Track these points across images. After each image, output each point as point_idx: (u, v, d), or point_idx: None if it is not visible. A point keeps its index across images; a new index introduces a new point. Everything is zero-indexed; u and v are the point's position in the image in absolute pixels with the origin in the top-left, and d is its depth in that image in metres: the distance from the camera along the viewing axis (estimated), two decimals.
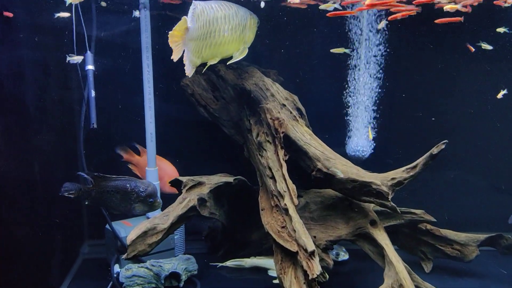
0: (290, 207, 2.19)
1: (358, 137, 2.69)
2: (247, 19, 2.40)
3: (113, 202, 2.22)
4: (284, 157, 2.38)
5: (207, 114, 2.69)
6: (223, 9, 2.23)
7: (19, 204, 2.15)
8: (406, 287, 2.08)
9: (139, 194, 2.07)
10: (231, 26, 2.27)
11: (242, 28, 2.37)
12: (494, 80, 2.78)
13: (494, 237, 2.56)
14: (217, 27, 2.16)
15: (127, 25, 2.46)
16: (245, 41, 2.44)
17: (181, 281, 2.45)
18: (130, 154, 2.70)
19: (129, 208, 2.09)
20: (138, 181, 2.09)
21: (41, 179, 2.33)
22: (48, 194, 2.39)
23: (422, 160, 2.22)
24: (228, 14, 2.24)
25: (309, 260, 1.97)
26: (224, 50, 2.34)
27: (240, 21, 2.35)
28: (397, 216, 2.58)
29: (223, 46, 2.30)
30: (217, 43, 2.24)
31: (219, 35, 2.22)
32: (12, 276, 1.96)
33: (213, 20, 2.11)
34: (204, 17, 2.13)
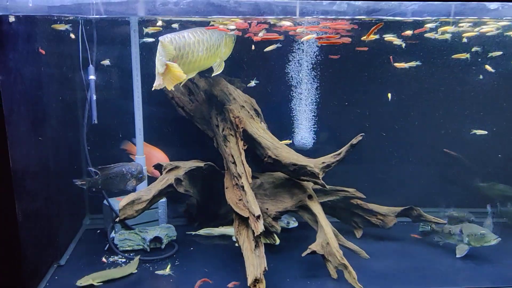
0: (246, 185, 2.86)
1: (302, 132, 3.39)
2: (222, 39, 2.96)
3: (114, 184, 2.94)
4: (243, 147, 3.04)
5: (185, 113, 3.35)
6: (196, 35, 2.77)
7: (38, 185, 2.78)
8: (331, 244, 2.77)
9: (132, 174, 2.80)
10: (205, 47, 2.82)
11: (217, 47, 2.94)
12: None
13: (407, 209, 3.27)
14: (189, 50, 2.71)
15: (120, 45, 3.12)
16: (220, 57, 3.03)
17: (163, 243, 3.12)
18: (131, 148, 3.36)
19: (125, 185, 2.81)
20: (129, 164, 2.80)
21: (53, 165, 2.96)
22: (58, 178, 3.02)
23: (345, 148, 2.92)
24: (201, 38, 2.79)
25: (255, 222, 2.64)
26: (200, 65, 2.91)
27: (214, 42, 2.90)
28: (333, 193, 3.28)
29: (199, 63, 2.86)
30: (191, 61, 2.79)
31: (193, 56, 2.76)
32: (30, 238, 2.59)
33: (184, 46, 2.65)
34: (173, 45, 2.62)
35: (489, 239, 2.93)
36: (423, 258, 3.06)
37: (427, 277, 2.80)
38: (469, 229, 3.03)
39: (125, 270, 2.79)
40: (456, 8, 2.23)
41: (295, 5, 2.18)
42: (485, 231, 2.97)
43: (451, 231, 3.14)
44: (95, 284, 2.65)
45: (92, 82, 2.82)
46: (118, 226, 3.16)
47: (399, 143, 3.65)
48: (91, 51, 2.83)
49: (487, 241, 2.94)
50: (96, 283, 2.65)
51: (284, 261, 2.96)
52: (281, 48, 3.05)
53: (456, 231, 3.10)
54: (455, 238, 3.11)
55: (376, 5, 2.16)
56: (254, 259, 2.57)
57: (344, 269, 2.68)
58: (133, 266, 2.84)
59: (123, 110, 3.23)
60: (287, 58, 3.24)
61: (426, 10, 2.26)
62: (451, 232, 3.14)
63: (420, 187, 3.64)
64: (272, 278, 2.70)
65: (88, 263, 2.92)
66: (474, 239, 2.98)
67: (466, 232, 3.03)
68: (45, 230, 2.81)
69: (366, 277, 2.69)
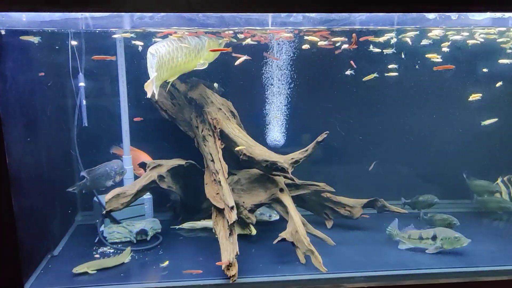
0: (222, 180, 3.14)
1: (274, 132, 3.68)
2: (203, 43, 3.18)
3: (102, 183, 3.25)
4: (221, 146, 3.33)
5: (168, 116, 3.63)
6: (175, 43, 3.01)
7: (32, 182, 3.04)
8: (299, 232, 3.04)
9: (115, 171, 3.10)
10: (184, 53, 3.05)
11: (198, 51, 3.16)
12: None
13: (372, 200, 3.55)
14: (169, 57, 2.96)
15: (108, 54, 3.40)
16: (204, 59, 3.29)
17: (148, 235, 3.39)
18: (120, 152, 3.62)
19: (111, 181, 3.12)
20: (110, 163, 3.16)
21: (46, 165, 3.23)
22: (51, 178, 3.28)
23: (311, 145, 3.21)
24: (179, 45, 3.02)
25: (229, 212, 2.92)
26: (181, 69, 3.16)
27: (195, 46, 3.13)
28: (305, 187, 3.56)
29: (179, 67, 3.11)
30: (172, 67, 3.03)
31: (173, 61, 3.00)
32: (25, 229, 2.83)
33: (165, 54, 2.90)
34: (158, 55, 2.87)
35: (463, 242, 3.10)
36: (386, 244, 3.34)
37: (388, 260, 3.09)
38: (443, 233, 3.16)
39: (117, 259, 3.07)
40: (398, 18, 2.53)
41: (256, 17, 2.48)
42: (458, 234, 3.12)
43: (422, 236, 3.21)
44: (90, 271, 2.92)
45: (82, 89, 3.12)
46: (107, 220, 3.44)
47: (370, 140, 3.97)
48: (80, 60, 3.13)
49: (461, 244, 3.11)
50: (90, 271, 2.92)
51: (258, 249, 3.24)
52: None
53: (428, 235, 3.19)
54: (428, 242, 3.17)
55: (328, 16, 2.46)
56: (228, 245, 2.85)
57: (311, 254, 2.96)
58: (125, 256, 3.11)
59: (111, 114, 3.51)
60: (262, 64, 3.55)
61: (372, 20, 2.56)
62: (422, 236, 3.21)
63: (392, 181, 3.95)
64: (246, 264, 2.97)
65: (80, 254, 3.19)
66: (447, 243, 3.12)
67: (440, 236, 3.14)
68: (39, 223, 3.08)
69: (332, 262, 2.96)
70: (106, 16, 2.46)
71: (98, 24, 2.55)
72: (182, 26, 2.64)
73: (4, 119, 2.55)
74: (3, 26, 2.37)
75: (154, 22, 2.53)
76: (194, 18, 2.52)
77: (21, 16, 2.45)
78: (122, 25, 2.65)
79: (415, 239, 3.21)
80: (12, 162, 2.57)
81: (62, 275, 2.90)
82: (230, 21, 2.52)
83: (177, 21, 2.57)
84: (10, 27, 2.50)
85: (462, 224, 3.49)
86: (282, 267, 2.98)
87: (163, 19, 2.51)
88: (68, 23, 2.49)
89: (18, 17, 2.45)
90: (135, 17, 2.53)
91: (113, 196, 3.03)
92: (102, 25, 2.58)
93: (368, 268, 2.94)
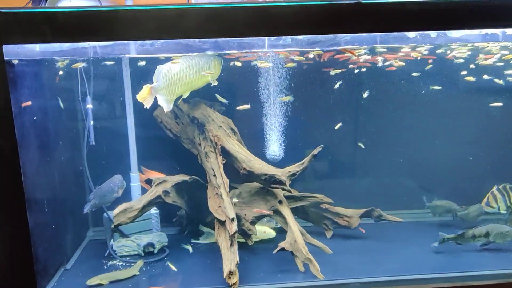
0: (224, 193, 3.31)
1: (272, 146, 3.85)
2: (210, 61, 3.46)
3: (108, 199, 3.43)
4: (222, 161, 3.51)
5: (172, 135, 3.84)
6: (186, 61, 3.32)
7: (45, 199, 3.25)
8: (298, 241, 3.18)
9: (117, 185, 3.33)
10: (195, 71, 3.37)
11: (206, 68, 3.44)
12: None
13: (368, 210, 3.68)
14: (183, 74, 3.29)
15: (114, 79, 3.64)
16: (212, 76, 3.55)
17: (155, 248, 3.57)
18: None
19: (115, 196, 3.33)
20: (112, 179, 3.41)
21: (59, 183, 3.46)
22: (63, 194, 3.51)
23: (307, 158, 3.37)
24: (190, 63, 3.33)
25: (230, 224, 3.08)
26: (193, 86, 3.45)
27: (203, 65, 3.43)
28: (304, 199, 3.70)
29: (191, 84, 3.41)
30: (185, 83, 3.35)
31: (186, 79, 3.33)
32: (40, 243, 3.00)
33: (179, 71, 3.24)
34: (170, 74, 3.24)
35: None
36: (383, 252, 3.47)
37: (384, 267, 3.20)
38: (496, 229, 3.40)
39: (128, 272, 3.25)
40: (381, 37, 2.72)
41: (248, 41, 2.69)
42: (509, 228, 3.39)
43: (475, 234, 3.43)
44: (103, 283, 3.10)
45: (89, 111, 3.37)
46: (116, 235, 3.63)
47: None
48: (88, 85, 3.37)
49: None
50: (103, 282, 3.10)
51: (259, 259, 3.39)
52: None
53: (481, 232, 3.42)
54: (481, 239, 3.41)
55: (315, 38, 2.66)
56: (229, 255, 3.01)
57: (309, 262, 3.10)
58: (136, 269, 3.29)
59: (120, 134, 3.74)
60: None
61: (356, 40, 2.75)
62: (475, 234, 3.42)
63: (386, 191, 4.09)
64: (247, 273, 3.12)
65: (91, 267, 3.37)
66: (500, 237, 3.38)
67: (493, 232, 3.38)
68: (53, 238, 3.27)
69: (329, 270, 3.10)
70: (111, 44, 2.70)
71: (104, 51, 2.78)
72: (180, 51, 2.85)
73: (20, 141, 2.79)
74: (17, 57, 2.61)
75: (154, 49, 2.75)
76: (191, 44, 2.74)
77: (34, 47, 2.70)
78: (125, 52, 2.87)
79: (469, 238, 3.44)
80: (27, 181, 2.78)
81: (74, 287, 3.09)
82: (225, 45, 2.73)
83: (175, 47, 2.80)
84: (25, 57, 2.75)
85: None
86: (281, 275, 3.13)
87: (162, 45, 2.73)
88: (77, 51, 2.73)
89: (32, 48, 2.70)
90: (137, 45, 2.75)
91: (120, 211, 3.22)
92: (108, 52, 2.81)
93: (363, 275, 3.07)
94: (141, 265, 3.33)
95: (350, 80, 3.83)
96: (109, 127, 3.73)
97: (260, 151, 3.76)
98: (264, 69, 3.65)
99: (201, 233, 3.85)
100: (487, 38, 2.79)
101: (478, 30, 2.69)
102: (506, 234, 3.37)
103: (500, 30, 2.70)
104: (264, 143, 3.84)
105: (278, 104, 3.80)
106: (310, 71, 3.75)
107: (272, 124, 3.81)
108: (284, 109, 3.83)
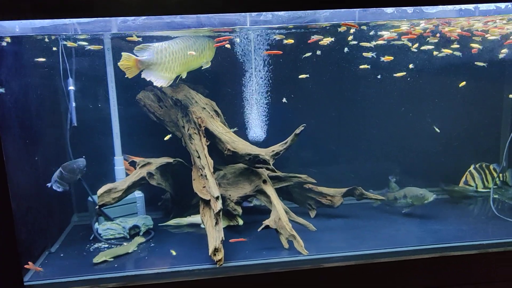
0: (208, 174, 3.33)
1: (255, 127, 3.89)
2: (205, 42, 3.58)
3: (69, 180, 3.44)
4: (206, 143, 3.53)
5: (155, 118, 3.84)
6: (182, 42, 3.44)
7: (28, 181, 3.25)
8: (282, 219, 3.22)
9: (80, 168, 3.35)
10: (193, 49, 3.48)
11: (202, 49, 3.56)
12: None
13: (351, 189, 3.75)
14: (181, 53, 3.41)
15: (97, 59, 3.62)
16: (206, 57, 3.65)
17: (140, 230, 3.58)
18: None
19: (75, 178, 3.41)
20: (76, 161, 3.42)
21: (41, 164, 3.43)
22: (46, 176, 3.46)
23: (290, 137, 3.41)
24: (187, 44, 3.46)
25: (215, 202, 3.11)
26: (190, 66, 3.56)
27: (199, 46, 3.54)
28: (288, 179, 3.75)
29: (190, 63, 3.53)
30: (185, 62, 3.47)
31: (183, 58, 3.44)
32: (23, 227, 3.00)
33: (179, 50, 3.38)
34: (168, 51, 3.34)
35: (428, 197, 3.69)
36: (365, 229, 3.55)
37: (366, 242, 3.29)
38: (411, 192, 3.77)
39: (127, 248, 3.31)
40: (359, 13, 2.76)
41: (230, 17, 2.71)
42: (423, 191, 3.72)
43: (396, 197, 3.84)
44: (108, 259, 3.14)
45: (72, 92, 3.35)
46: (101, 218, 3.63)
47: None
48: (70, 66, 3.36)
49: (426, 198, 3.69)
50: (108, 258, 3.15)
51: (244, 238, 3.41)
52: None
53: (400, 195, 3.83)
54: (401, 201, 3.80)
55: (295, 14, 2.69)
56: (214, 233, 3.04)
57: (293, 239, 3.14)
58: (134, 245, 3.36)
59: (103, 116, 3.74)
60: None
61: (335, 16, 2.79)
62: (396, 197, 3.84)
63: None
64: (232, 251, 3.15)
65: (76, 250, 3.37)
66: (416, 199, 3.73)
67: (409, 195, 3.76)
68: (37, 222, 3.26)
69: (313, 246, 3.15)
70: (92, 21, 2.69)
71: (85, 29, 2.77)
72: (163, 28, 2.86)
73: (1, 122, 2.77)
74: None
75: (136, 26, 2.75)
76: (172, 21, 2.75)
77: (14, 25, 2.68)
78: (107, 29, 2.86)
79: (392, 200, 3.88)
80: (10, 164, 2.76)
81: (58, 269, 3.08)
82: (206, 22, 2.75)
83: (157, 24, 2.80)
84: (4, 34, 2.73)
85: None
86: (266, 252, 3.16)
87: (144, 22, 2.74)
88: (58, 28, 2.71)
89: (12, 25, 2.68)
90: (119, 21, 2.75)
91: (104, 191, 3.22)
92: (89, 29, 2.80)
93: (346, 250, 3.13)
94: (139, 241, 3.40)
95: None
96: (91, 108, 3.73)
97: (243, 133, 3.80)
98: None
99: (187, 215, 3.87)
100: (461, 14, 2.87)
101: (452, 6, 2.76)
102: (420, 197, 3.74)
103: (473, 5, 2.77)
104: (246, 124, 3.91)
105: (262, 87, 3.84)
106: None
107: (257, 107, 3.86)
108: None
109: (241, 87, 3.80)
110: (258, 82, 3.73)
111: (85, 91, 3.56)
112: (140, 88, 3.79)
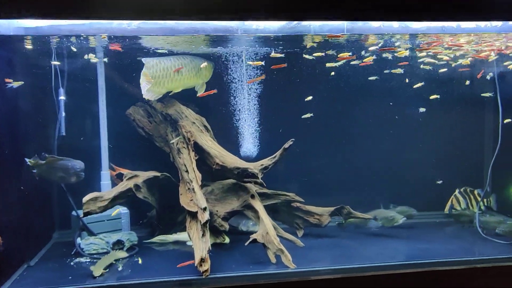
0: (196, 187, 3.30)
1: (246, 144, 3.91)
2: (201, 64, 3.65)
3: (56, 175, 3.35)
4: (194, 157, 3.53)
5: (144, 133, 3.83)
6: (176, 60, 3.55)
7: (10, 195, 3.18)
8: (270, 233, 3.18)
9: (75, 170, 3.25)
10: (187, 69, 3.58)
11: (197, 70, 3.64)
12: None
13: (338, 208, 3.74)
14: (170, 71, 3.51)
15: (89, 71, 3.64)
16: (202, 78, 3.72)
17: (124, 246, 3.48)
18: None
19: (67, 179, 3.30)
20: (74, 161, 3.31)
21: (25, 176, 3.36)
22: (33, 198, 3.40)
23: (279, 152, 3.43)
24: (182, 62, 3.57)
25: (202, 213, 3.07)
26: (183, 84, 3.64)
27: (193, 67, 3.63)
28: (276, 196, 3.73)
29: (182, 81, 3.61)
30: (175, 80, 3.56)
31: (179, 75, 3.54)
32: (10, 248, 2.94)
33: (171, 66, 3.50)
34: (158, 67, 3.46)
35: (398, 219, 3.85)
36: (350, 248, 3.53)
37: (351, 258, 3.26)
38: (382, 214, 3.92)
39: (117, 254, 3.29)
40: (348, 25, 2.88)
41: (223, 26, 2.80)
42: (393, 213, 3.86)
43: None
44: (103, 272, 3.02)
45: (62, 102, 3.35)
46: (84, 233, 3.53)
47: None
48: (62, 76, 3.38)
49: (396, 221, 3.84)
50: (104, 271, 3.04)
51: (231, 253, 3.36)
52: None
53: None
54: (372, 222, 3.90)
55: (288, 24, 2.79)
56: (200, 244, 2.97)
57: (281, 253, 3.10)
58: (123, 253, 3.35)
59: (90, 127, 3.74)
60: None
61: (324, 29, 2.90)
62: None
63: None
64: (219, 266, 3.08)
65: (55, 265, 3.25)
66: (386, 221, 3.85)
67: (380, 216, 3.90)
68: (17, 235, 3.16)
69: (301, 261, 3.10)
70: (88, 24, 2.74)
71: (80, 29, 2.82)
72: (157, 33, 2.92)
73: None
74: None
75: (131, 29, 2.81)
76: (165, 26, 2.81)
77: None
78: (100, 32, 2.90)
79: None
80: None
81: (36, 281, 2.96)
82: (200, 29, 2.82)
83: (151, 29, 2.86)
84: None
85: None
86: (254, 267, 3.10)
87: (139, 26, 2.79)
88: (52, 29, 2.75)
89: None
90: (114, 25, 2.80)
91: (90, 198, 3.16)
92: (84, 30, 2.84)
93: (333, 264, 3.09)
94: (122, 256, 3.33)
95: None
96: (81, 121, 3.72)
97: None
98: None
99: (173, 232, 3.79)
100: (444, 30, 3.01)
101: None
102: (390, 219, 3.85)
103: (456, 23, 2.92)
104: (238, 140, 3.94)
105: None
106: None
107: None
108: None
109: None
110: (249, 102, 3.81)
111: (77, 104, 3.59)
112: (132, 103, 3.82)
